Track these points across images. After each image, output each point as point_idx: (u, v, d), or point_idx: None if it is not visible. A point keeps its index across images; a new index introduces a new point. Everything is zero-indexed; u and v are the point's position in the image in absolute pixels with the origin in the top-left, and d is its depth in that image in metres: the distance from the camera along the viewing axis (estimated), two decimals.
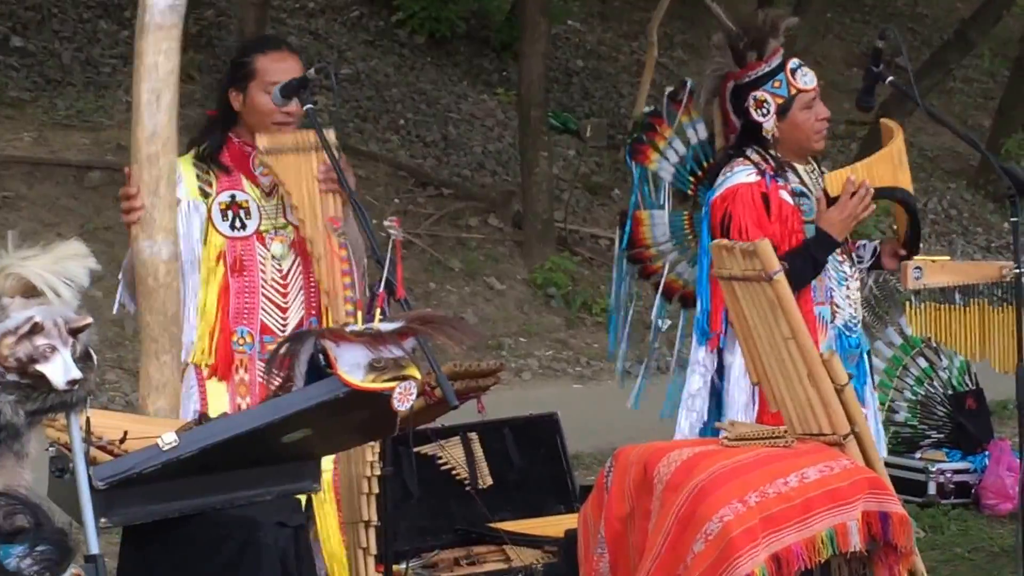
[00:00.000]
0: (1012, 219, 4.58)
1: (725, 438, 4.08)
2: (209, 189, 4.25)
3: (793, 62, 4.71)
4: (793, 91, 4.68)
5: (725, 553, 3.75)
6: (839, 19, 17.23)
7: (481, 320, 10.80)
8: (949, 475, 7.05)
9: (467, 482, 5.58)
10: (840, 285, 4.73)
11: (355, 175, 4.29)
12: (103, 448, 3.36)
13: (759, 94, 4.69)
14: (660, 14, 13.93)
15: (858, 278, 4.81)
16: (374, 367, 3.29)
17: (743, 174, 4.68)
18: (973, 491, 7.11)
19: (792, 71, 4.69)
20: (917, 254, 4.75)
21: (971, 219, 14.87)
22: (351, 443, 4.02)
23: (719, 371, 4.73)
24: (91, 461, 3.25)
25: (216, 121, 4.34)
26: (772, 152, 4.71)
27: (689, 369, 4.77)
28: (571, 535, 4.55)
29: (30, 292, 3.20)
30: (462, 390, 4.54)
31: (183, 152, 4.25)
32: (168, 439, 3.23)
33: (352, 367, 3.28)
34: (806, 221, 4.70)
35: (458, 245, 11.67)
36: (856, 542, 3.92)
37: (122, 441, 3.37)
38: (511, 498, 5.66)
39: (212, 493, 3.38)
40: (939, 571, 6.01)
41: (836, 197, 4.62)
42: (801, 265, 4.54)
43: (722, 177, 4.72)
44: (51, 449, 3.42)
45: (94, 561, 3.17)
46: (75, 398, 3.17)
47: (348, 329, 3.35)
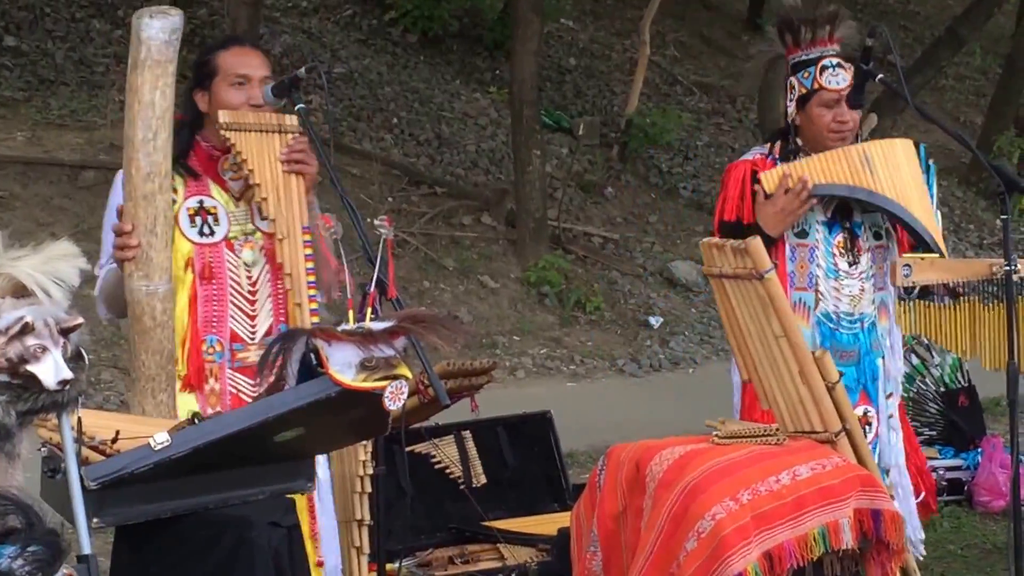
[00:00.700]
0: (1003, 216, 4.59)
1: (716, 436, 4.09)
2: (175, 195, 4.08)
3: (829, 60, 4.73)
4: (816, 86, 4.71)
5: (717, 551, 3.75)
6: None
7: (475, 318, 10.79)
8: (942, 472, 7.05)
9: (461, 480, 5.59)
10: (829, 276, 4.72)
11: (348, 173, 4.26)
12: (95, 448, 3.35)
13: (793, 80, 4.77)
14: (652, 12, 13.93)
15: (860, 279, 4.76)
16: (365, 366, 3.29)
17: (750, 153, 4.81)
18: (966, 488, 7.12)
19: (823, 68, 4.72)
20: (929, 251, 4.71)
21: (963, 216, 14.89)
22: (344, 442, 4.02)
23: None
24: (83, 461, 3.24)
25: (183, 124, 4.18)
26: (792, 138, 4.75)
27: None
28: (564, 533, 4.55)
29: (20, 292, 3.19)
30: (455, 389, 4.54)
31: None
32: (160, 439, 3.23)
33: (343, 366, 3.28)
34: None
35: (452, 244, 11.66)
36: (848, 539, 3.92)
37: (114, 441, 3.36)
38: (505, 496, 5.67)
39: (205, 493, 3.37)
40: (932, 568, 6.00)
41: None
42: None
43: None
44: (43, 449, 3.41)
45: (87, 561, 3.16)
46: (66, 398, 3.15)
47: (340, 328, 3.36)
